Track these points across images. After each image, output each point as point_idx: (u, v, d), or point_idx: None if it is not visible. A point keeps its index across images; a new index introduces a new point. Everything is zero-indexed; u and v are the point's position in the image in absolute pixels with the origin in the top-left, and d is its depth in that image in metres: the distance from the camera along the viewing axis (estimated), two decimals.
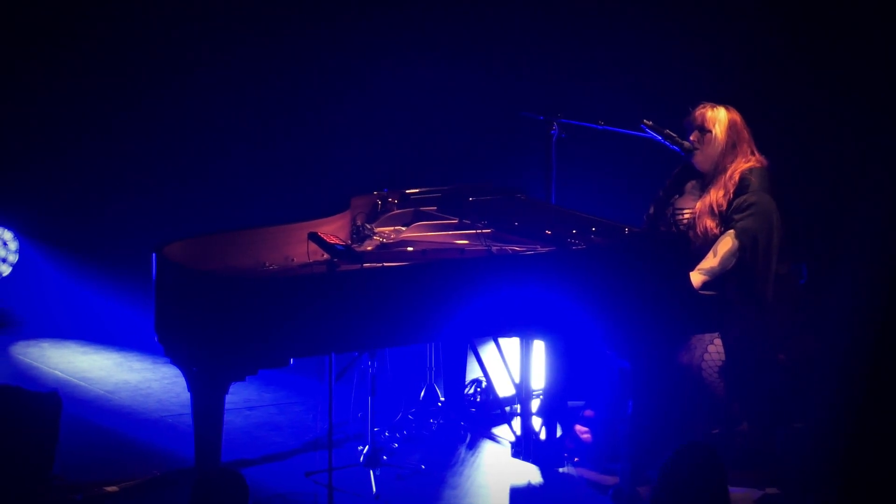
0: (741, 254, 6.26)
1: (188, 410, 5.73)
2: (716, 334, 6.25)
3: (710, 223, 6.37)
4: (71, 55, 8.74)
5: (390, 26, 8.70)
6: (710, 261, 6.26)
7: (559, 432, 6.37)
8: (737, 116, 6.46)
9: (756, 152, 6.45)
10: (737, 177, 6.37)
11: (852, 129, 7.29)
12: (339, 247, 5.66)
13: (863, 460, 5.47)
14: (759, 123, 6.56)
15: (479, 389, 7.11)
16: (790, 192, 6.70)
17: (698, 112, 6.47)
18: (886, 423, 5.56)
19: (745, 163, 6.40)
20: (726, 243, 6.27)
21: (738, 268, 6.27)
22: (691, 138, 6.46)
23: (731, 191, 6.35)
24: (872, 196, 6.59)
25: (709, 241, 6.34)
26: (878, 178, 6.68)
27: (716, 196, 6.38)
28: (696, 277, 6.18)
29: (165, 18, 8.74)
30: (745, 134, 6.45)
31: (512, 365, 6.77)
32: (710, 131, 6.43)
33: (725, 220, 6.34)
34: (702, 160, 6.47)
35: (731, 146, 6.43)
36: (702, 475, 4.44)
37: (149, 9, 8.75)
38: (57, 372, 7.87)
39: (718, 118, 6.43)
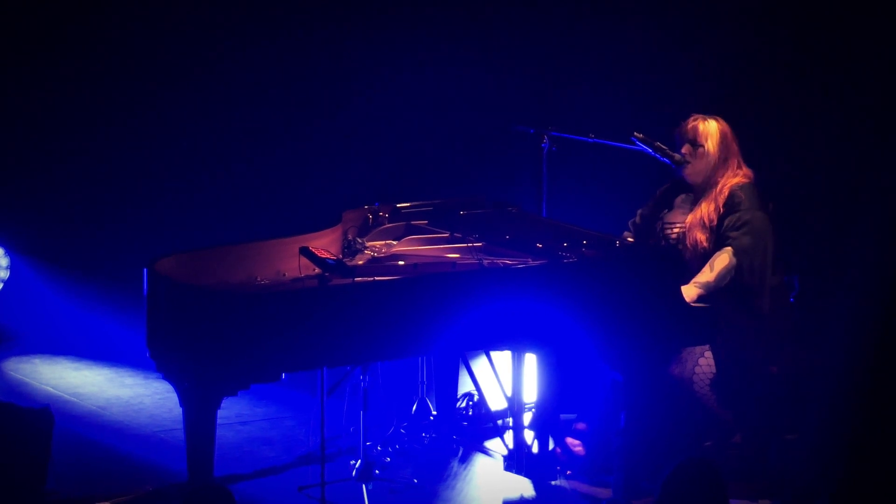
0: (737, 271, 6.26)
1: (180, 425, 5.72)
2: (706, 347, 6.25)
3: (700, 236, 6.37)
4: (62, 70, 8.73)
5: (380, 40, 8.71)
6: (707, 275, 6.25)
7: (551, 445, 6.36)
8: (727, 129, 6.46)
9: (743, 165, 6.46)
10: (726, 192, 6.37)
11: (849, 137, 7.29)
12: (330, 261, 5.66)
13: (856, 472, 5.47)
14: (751, 132, 6.57)
15: (471, 403, 7.10)
16: (783, 202, 6.70)
17: (690, 125, 6.47)
18: (880, 434, 5.56)
19: (734, 177, 6.40)
20: (723, 260, 6.27)
21: (732, 282, 6.28)
22: (682, 151, 6.46)
23: (721, 205, 6.36)
24: (867, 207, 6.59)
25: (698, 254, 6.34)
26: (873, 188, 6.68)
27: (707, 210, 6.38)
28: (692, 291, 6.18)
29: (155, 37, 8.73)
30: (735, 147, 6.46)
31: (504, 378, 6.75)
32: (703, 146, 6.43)
33: (717, 235, 6.34)
34: (692, 173, 6.48)
35: (723, 160, 6.43)
36: (702, 491, 4.45)
37: (142, 26, 8.74)
38: (49, 388, 7.85)
39: (710, 132, 6.43)
